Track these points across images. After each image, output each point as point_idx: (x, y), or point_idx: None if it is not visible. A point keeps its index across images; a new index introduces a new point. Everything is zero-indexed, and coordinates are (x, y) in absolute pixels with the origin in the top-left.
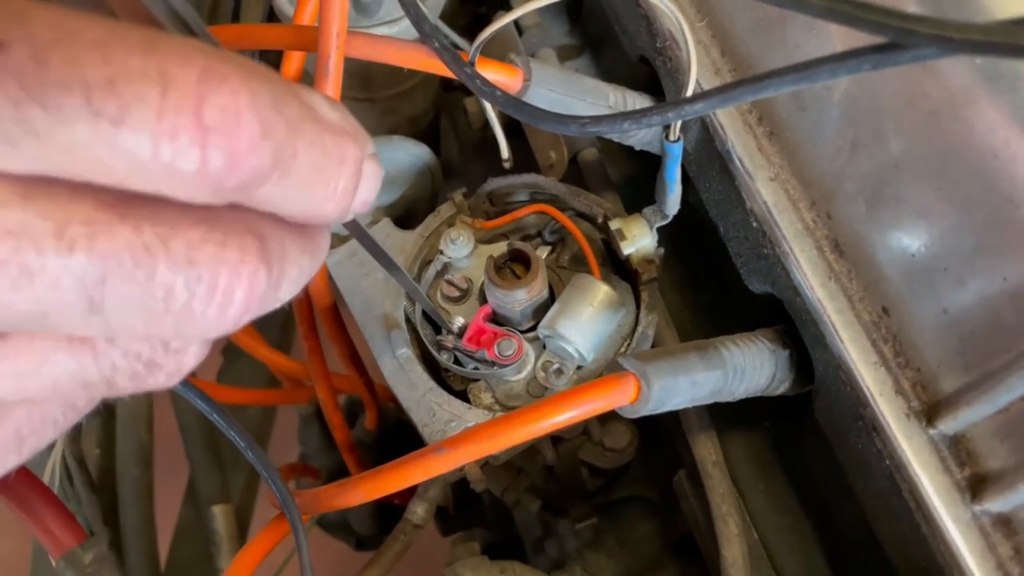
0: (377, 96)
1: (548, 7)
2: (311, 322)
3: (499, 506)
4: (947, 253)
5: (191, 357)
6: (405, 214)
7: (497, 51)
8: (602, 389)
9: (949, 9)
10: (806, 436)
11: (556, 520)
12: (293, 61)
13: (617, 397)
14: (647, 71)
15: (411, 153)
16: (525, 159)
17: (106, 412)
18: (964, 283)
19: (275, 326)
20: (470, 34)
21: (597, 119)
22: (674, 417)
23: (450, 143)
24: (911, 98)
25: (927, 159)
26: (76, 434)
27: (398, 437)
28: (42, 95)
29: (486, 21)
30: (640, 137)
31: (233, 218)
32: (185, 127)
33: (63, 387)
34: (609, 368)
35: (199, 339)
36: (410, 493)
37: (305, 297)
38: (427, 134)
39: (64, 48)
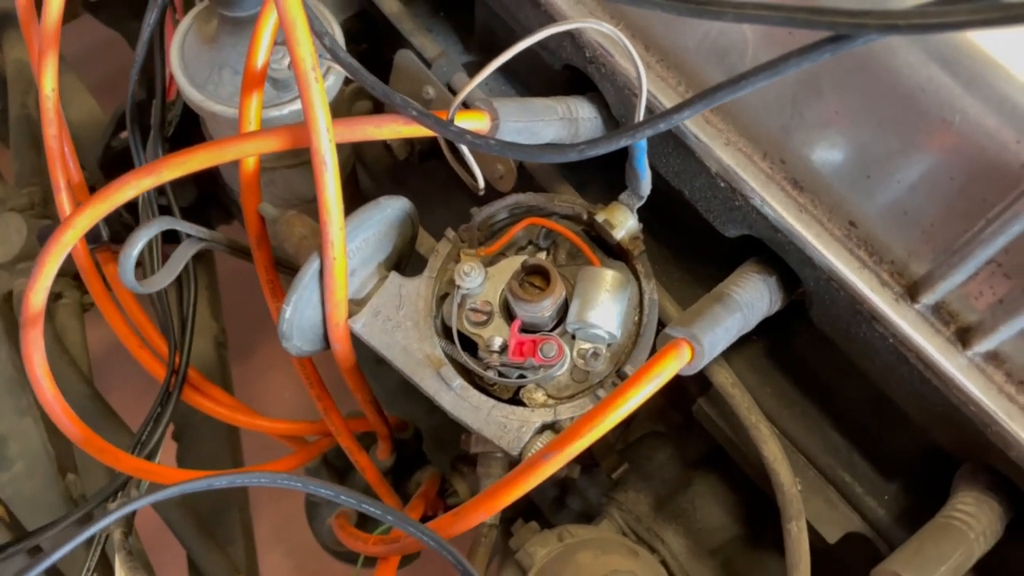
0: (307, 158)
1: (438, 27)
2: (321, 385)
3: None
4: (897, 170)
5: None
6: (397, 261)
7: (412, 88)
8: (665, 360)
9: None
10: (793, 338)
11: (574, 476)
12: (250, 166)
13: (678, 362)
14: (565, 74)
15: (396, 208)
16: (451, 177)
17: None
18: (915, 189)
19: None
20: None
21: (594, 142)
22: None
23: (360, 174)
24: (839, 58)
25: (863, 102)
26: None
27: (406, 460)
28: None
29: (369, 58)
30: (590, 134)
31: None
32: None
33: None
34: (660, 340)
35: None
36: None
37: (311, 366)
38: (352, 174)
39: None
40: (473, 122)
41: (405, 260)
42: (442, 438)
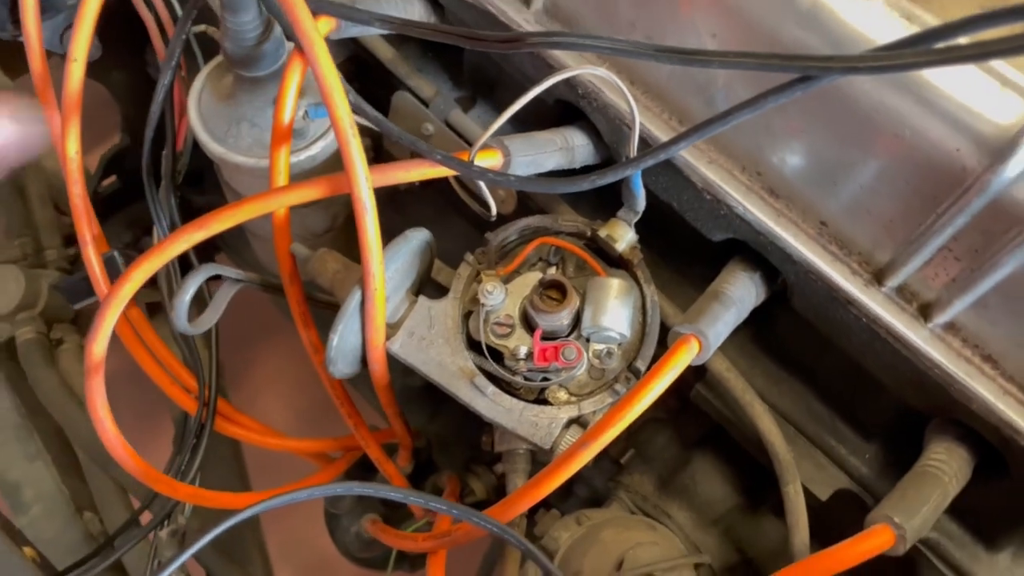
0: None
1: (428, 66)
2: (351, 404)
3: None
4: (859, 177)
5: None
6: (420, 285)
7: (412, 126)
8: (678, 354)
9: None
10: (776, 324)
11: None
12: (281, 213)
13: (689, 355)
14: (557, 107)
15: (419, 239)
16: (448, 202)
17: None
18: (875, 192)
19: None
20: None
21: (603, 172)
22: None
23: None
24: None
25: (827, 122)
26: None
27: (421, 466)
28: None
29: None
30: (584, 159)
31: None
32: None
33: None
34: (671, 337)
35: None
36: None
37: (340, 387)
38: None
39: None
40: (488, 160)
41: (425, 283)
42: (445, 443)
